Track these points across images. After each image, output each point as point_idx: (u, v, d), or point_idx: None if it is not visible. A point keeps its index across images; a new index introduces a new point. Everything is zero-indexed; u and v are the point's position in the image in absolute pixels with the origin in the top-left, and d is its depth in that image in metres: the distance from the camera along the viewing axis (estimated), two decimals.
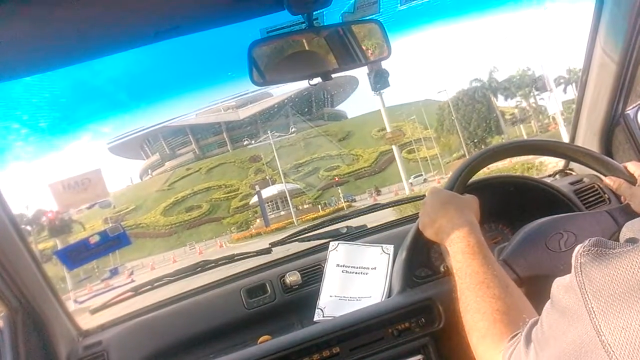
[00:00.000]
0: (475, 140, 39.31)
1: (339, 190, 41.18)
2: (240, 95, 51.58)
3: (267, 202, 39.67)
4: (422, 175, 40.32)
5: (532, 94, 38.51)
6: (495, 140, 38.47)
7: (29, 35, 1.05)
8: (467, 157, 1.46)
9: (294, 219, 34.48)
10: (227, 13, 1.21)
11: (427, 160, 43.42)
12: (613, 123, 1.70)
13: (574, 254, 0.53)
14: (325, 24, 1.34)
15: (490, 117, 40.02)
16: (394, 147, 33.00)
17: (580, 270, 0.51)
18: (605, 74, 1.60)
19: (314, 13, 1.22)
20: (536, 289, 1.23)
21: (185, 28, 1.23)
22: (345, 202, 37.66)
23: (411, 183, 37.23)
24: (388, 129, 33.19)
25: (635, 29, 1.44)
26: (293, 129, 49.75)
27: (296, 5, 1.16)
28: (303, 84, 1.43)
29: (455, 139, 40.07)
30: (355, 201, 38.07)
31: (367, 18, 1.42)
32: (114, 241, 1.77)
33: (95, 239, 1.74)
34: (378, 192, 39.31)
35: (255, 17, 1.24)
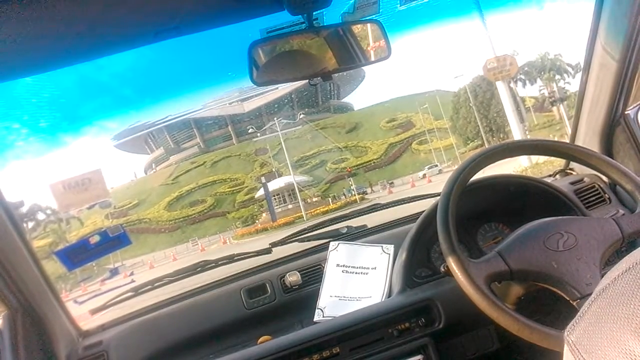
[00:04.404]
0: (494, 129, 37.56)
1: (351, 182, 40.03)
2: (245, 89, 51.47)
3: (274, 196, 38.64)
4: (437, 165, 39.26)
5: (555, 77, 36.74)
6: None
7: (29, 35, 1.04)
8: (486, 146, 1.45)
9: (302, 213, 33.07)
10: (227, 13, 1.21)
11: (440, 150, 42.42)
12: (613, 123, 1.69)
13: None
14: (325, 24, 1.34)
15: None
16: (501, 84, 20.25)
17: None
18: (605, 73, 1.59)
19: (314, 13, 1.22)
20: (524, 285, 1.24)
21: (185, 28, 1.22)
22: (358, 194, 36.24)
23: (425, 174, 36.56)
24: (494, 54, 19.76)
25: (635, 28, 1.44)
26: (299, 122, 49.41)
27: (296, 5, 1.16)
28: None
29: (473, 127, 38.57)
30: (367, 193, 37.11)
31: (367, 18, 1.42)
32: (114, 241, 1.77)
33: (96, 239, 1.74)
34: (391, 184, 37.84)
35: (255, 17, 1.24)
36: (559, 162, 1.96)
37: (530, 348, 1.21)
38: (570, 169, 1.92)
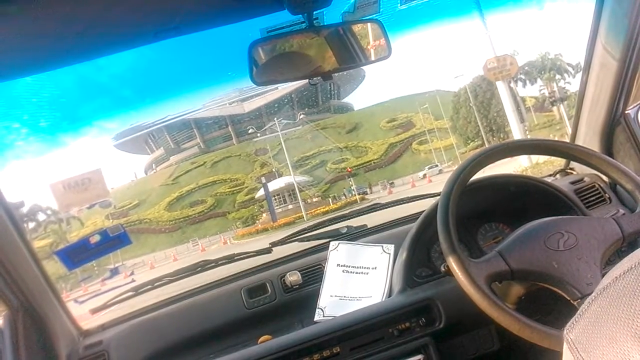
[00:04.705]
0: (494, 128, 37.48)
1: (351, 182, 39.99)
2: (245, 89, 51.50)
3: (274, 196, 38.49)
4: (437, 165, 39.30)
5: (555, 77, 36.56)
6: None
7: (29, 35, 1.04)
8: (486, 146, 1.44)
9: (303, 213, 32.94)
10: (227, 13, 1.21)
11: (440, 150, 42.42)
12: (613, 123, 1.69)
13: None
14: (325, 23, 1.34)
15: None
16: (501, 84, 19.93)
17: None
18: (605, 73, 1.59)
19: (314, 13, 1.22)
20: (525, 284, 1.24)
21: (185, 28, 1.22)
22: (358, 195, 36.15)
23: (425, 174, 36.57)
24: (494, 54, 19.29)
25: (636, 27, 1.44)
26: (299, 122, 49.37)
27: (296, 5, 1.16)
28: None
29: (473, 127, 38.62)
30: (367, 194, 37.05)
31: (367, 18, 1.42)
32: (114, 241, 1.77)
33: (96, 238, 1.74)
34: (392, 184, 37.74)
35: (255, 16, 1.24)
36: (559, 162, 1.96)
37: (531, 348, 1.21)
38: (571, 169, 1.92)
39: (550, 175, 1.95)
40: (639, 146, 1.67)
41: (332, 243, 1.74)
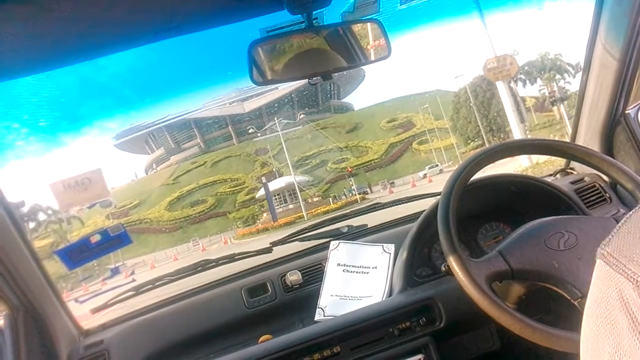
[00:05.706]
0: (495, 128, 37.59)
1: (352, 182, 40.09)
2: (245, 89, 51.61)
3: (275, 196, 38.55)
4: (437, 165, 39.49)
5: (556, 77, 36.55)
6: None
7: (29, 35, 1.05)
8: (486, 145, 1.45)
9: (303, 213, 32.94)
10: (227, 13, 1.21)
11: (440, 150, 42.52)
12: (614, 122, 1.69)
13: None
14: (324, 23, 1.34)
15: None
16: (501, 84, 19.85)
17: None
18: (605, 73, 1.59)
19: (314, 12, 1.22)
20: (525, 284, 1.24)
21: (185, 28, 1.22)
22: (358, 194, 36.21)
23: (425, 174, 36.62)
24: (494, 54, 19.32)
25: (636, 27, 1.44)
26: (299, 121, 49.41)
27: (296, 4, 1.16)
28: None
29: (473, 127, 38.76)
30: (367, 193, 37.13)
31: (367, 17, 1.42)
32: (115, 240, 1.77)
33: (96, 238, 1.74)
34: (392, 184, 37.75)
35: (255, 16, 1.24)
36: (559, 162, 1.95)
37: (531, 347, 1.21)
38: (571, 169, 1.92)
39: (550, 175, 1.95)
40: (639, 146, 1.67)
41: (332, 242, 1.74)
